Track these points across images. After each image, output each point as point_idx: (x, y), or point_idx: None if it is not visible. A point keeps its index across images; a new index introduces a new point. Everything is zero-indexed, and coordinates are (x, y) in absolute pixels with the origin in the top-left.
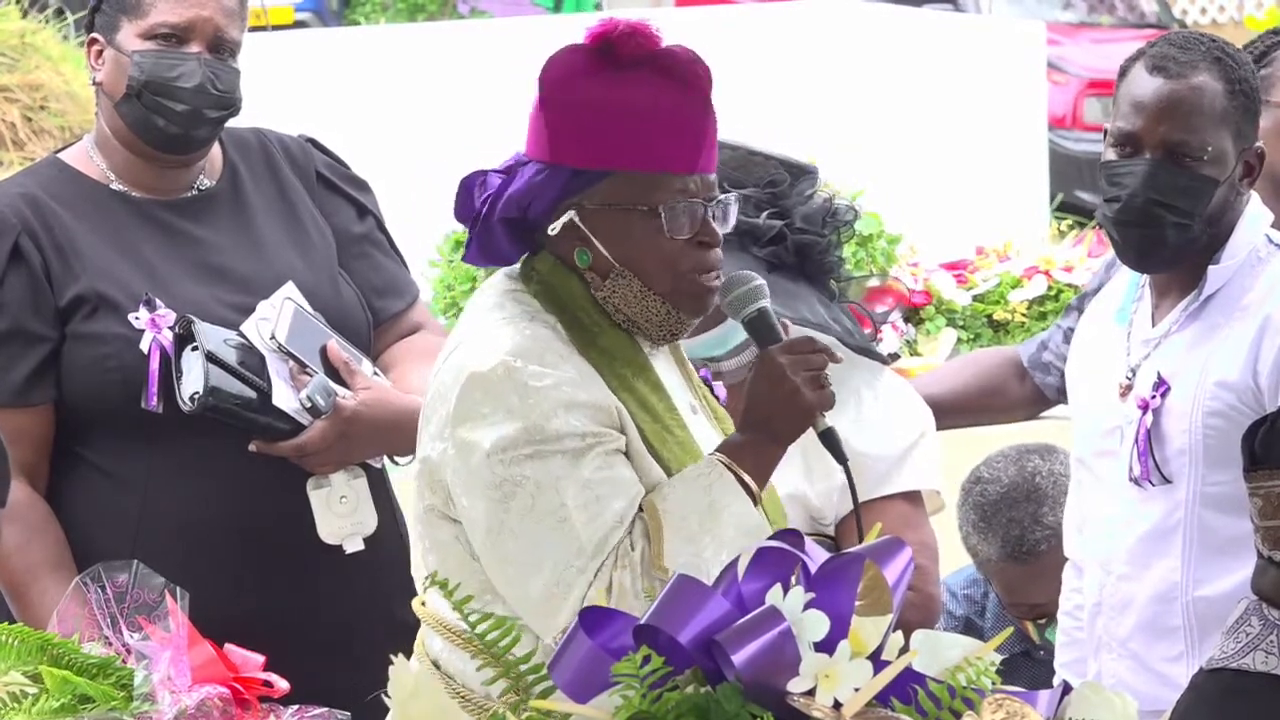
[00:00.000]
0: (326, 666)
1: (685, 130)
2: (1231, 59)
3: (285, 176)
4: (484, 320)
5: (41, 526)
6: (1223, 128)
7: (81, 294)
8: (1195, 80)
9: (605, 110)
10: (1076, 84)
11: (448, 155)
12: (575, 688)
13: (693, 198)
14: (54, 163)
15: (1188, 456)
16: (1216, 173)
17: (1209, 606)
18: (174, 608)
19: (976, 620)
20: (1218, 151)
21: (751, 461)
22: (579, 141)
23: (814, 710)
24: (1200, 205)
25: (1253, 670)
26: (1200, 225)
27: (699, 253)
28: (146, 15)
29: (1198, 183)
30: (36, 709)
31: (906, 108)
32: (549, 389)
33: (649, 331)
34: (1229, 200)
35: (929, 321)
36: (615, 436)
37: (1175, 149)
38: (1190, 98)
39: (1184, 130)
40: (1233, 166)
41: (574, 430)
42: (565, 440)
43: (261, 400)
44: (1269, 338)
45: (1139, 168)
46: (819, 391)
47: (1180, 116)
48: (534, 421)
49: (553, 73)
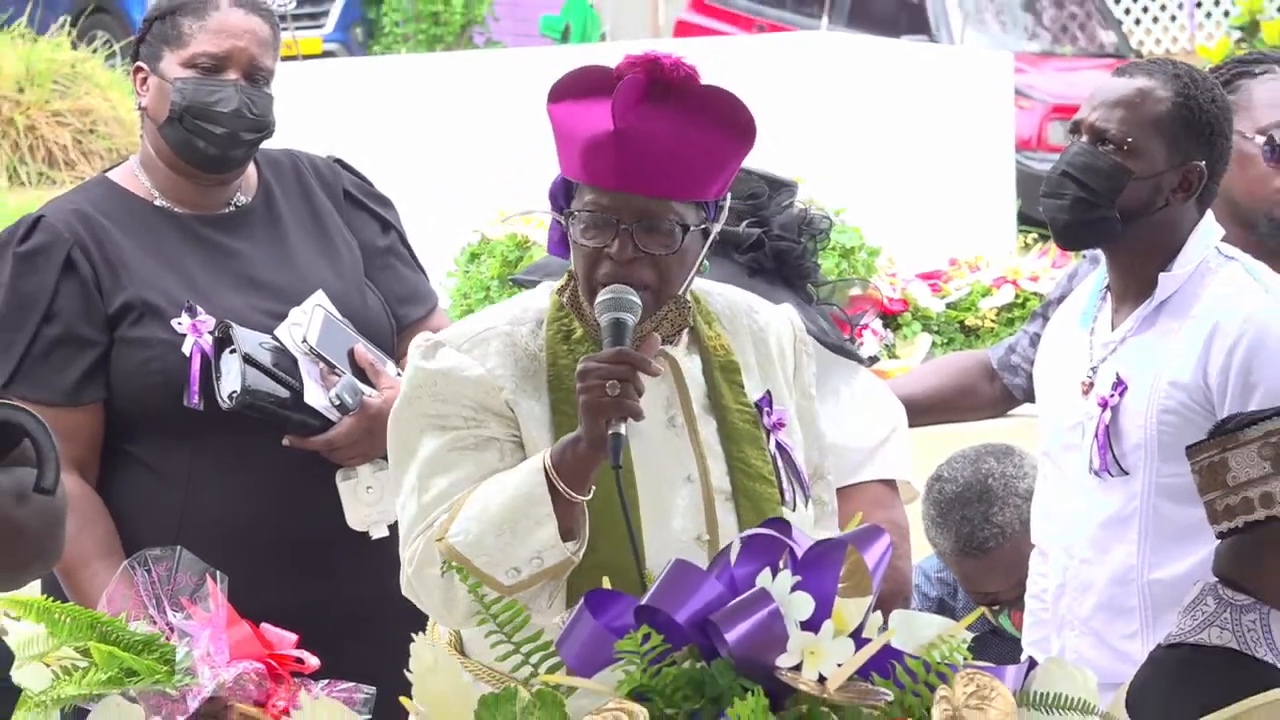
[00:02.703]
0: (353, 644)
1: (606, 148)
2: (1193, 82)
3: (315, 194)
4: (502, 304)
5: (92, 516)
6: (1154, 131)
7: (128, 302)
8: (1141, 83)
9: (565, 123)
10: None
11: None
12: (581, 663)
13: (605, 211)
14: (102, 181)
15: (1144, 450)
16: (1135, 166)
17: (1163, 588)
18: (214, 590)
19: (949, 601)
20: (1140, 148)
21: (570, 455)
22: (557, 150)
23: (801, 684)
24: (1108, 188)
25: (1209, 644)
26: (1109, 209)
27: (610, 264)
28: (187, 45)
29: (1110, 168)
30: (86, 681)
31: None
32: (445, 371)
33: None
34: (1152, 202)
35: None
36: (493, 427)
37: (1099, 134)
38: (1129, 95)
39: (1109, 119)
40: (1160, 171)
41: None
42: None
43: (294, 399)
44: (1218, 341)
45: (1069, 148)
46: (612, 399)
47: (1110, 106)
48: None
49: (560, 82)
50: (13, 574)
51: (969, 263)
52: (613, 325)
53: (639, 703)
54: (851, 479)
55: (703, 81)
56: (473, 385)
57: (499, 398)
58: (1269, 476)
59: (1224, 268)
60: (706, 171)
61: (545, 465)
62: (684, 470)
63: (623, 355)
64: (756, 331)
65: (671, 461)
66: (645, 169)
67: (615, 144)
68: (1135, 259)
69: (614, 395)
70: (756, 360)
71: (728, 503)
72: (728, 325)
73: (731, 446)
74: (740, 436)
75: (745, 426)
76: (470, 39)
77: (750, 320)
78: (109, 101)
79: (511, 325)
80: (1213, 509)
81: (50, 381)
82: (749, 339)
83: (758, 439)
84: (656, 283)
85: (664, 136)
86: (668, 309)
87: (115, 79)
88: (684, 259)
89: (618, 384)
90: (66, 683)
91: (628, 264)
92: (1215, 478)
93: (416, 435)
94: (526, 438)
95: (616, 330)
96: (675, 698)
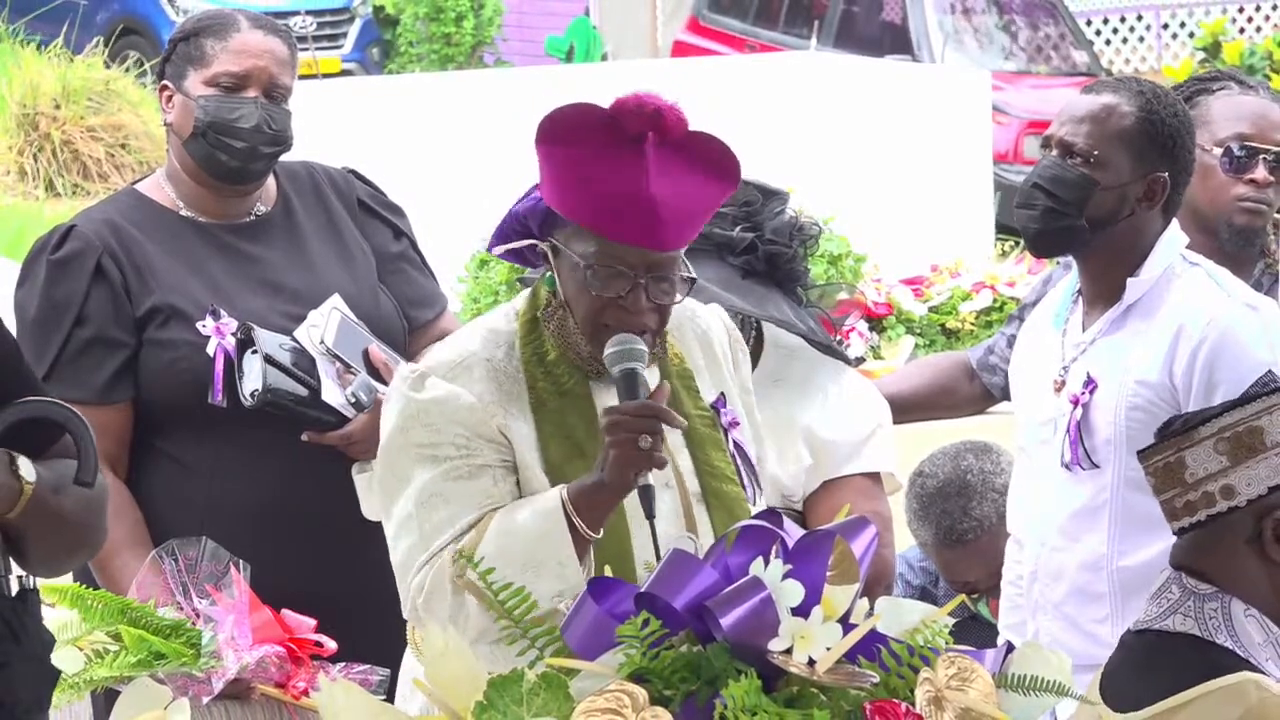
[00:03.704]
0: (369, 627)
1: (632, 207)
2: (1156, 97)
3: (331, 203)
4: (468, 329)
5: (122, 508)
6: (1119, 144)
7: (155, 306)
8: (1106, 99)
9: (575, 168)
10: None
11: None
12: (584, 647)
13: (622, 265)
14: (131, 193)
15: (1113, 445)
16: (1101, 177)
17: (1131, 575)
18: (237, 578)
19: (931, 589)
20: (1106, 160)
21: (588, 500)
22: (554, 187)
23: (791, 666)
24: (1076, 199)
25: (1172, 631)
26: (1078, 218)
27: (620, 312)
28: (210, 65)
29: (1077, 179)
30: (117, 663)
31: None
32: (437, 400)
33: (577, 364)
34: (1119, 211)
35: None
36: (485, 453)
37: (1067, 148)
38: (1095, 110)
39: (1076, 133)
40: (1125, 181)
41: (436, 440)
42: (427, 448)
43: (312, 396)
44: (1183, 343)
45: (1040, 161)
46: (636, 452)
47: (1078, 122)
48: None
49: (556, 122)
50: (58, 561)
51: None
52: (627, 377)
53: (639, 684)
54: (838, 472)
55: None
56: (466, 413)
57: (492, 424)
58: (1228, 469)
59: (1188, 273)
60: (704, 219)
61: (566, 508)
62: (662, 477)
63: (649, 409)
64: (700, 335)
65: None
66: (663, 227)
67: (643, 207)
68: (1104, 265)
69: (645, 449)
70: (705, 363)
71: (700, 504)
72: (675, 334)
73: (697, 451)
74: (704, 440)
75: (706, 430)
76: (480, 59)
77: (693, 325)
78: (140, 117)
79: (487, 350)
80: (1171, 506)
81: (83, 381)
82: (695, 343)
83: (718, 441)
84: (658, 326)
85: (678, 196)
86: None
87: (145, 96)
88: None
89: (648, 438)
90: (99, 665)
91: (638, 313)
92: (1172, 476)
93: (409, 466)
94: (519, 460)
95: (631, 382)
96: (673, 679)
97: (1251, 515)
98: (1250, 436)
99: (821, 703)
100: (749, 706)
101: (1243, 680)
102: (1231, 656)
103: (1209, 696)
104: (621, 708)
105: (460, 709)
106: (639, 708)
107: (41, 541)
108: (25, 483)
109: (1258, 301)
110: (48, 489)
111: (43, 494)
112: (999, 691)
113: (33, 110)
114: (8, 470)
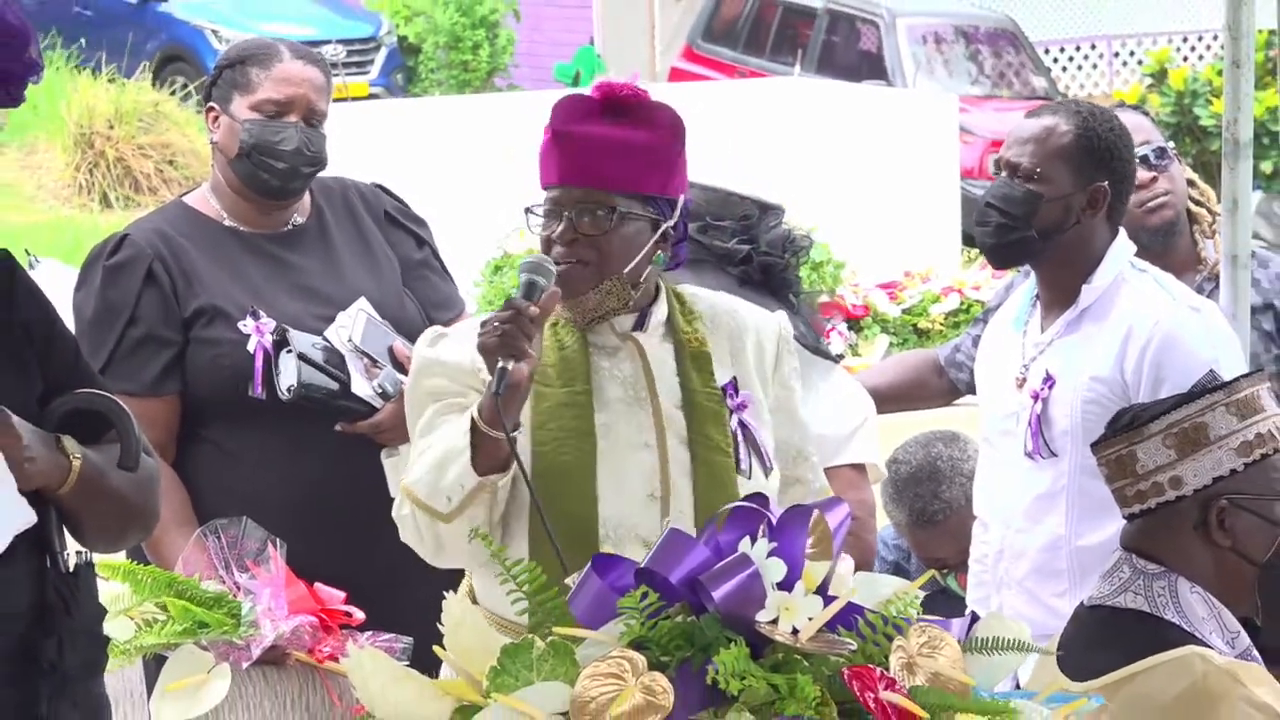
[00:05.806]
0: (394, 600)
1: (555, 150)
2: (1093, 115)
3: (360, 215)
4: None
5: (170, 491)
6: (1060, 159)
7: (201, 307)
8: (1046, 121)
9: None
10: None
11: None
12: (588, 617)
13: (552, 204)
14: (179, 204)
15: (1070, 436)
16: (1045, 190)
17: (1088, 554)
18: (274, 554)
19: (904, 565)
20: (1048, 175)
21: (485, 399)
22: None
23: (777, 635)
24: (1025, 213)
25: (1124, 607)
26: (1027, 230)
27: (556, 246)
28: (255, 91)
29: (1023, 195)
30: (165, 632)
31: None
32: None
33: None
34: (1065, 220)
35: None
36: (472, 397)
37: (1014, 168)
38: (1036, 132)
39: (1021, 154)
40: (1069, 192)
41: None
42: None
43: (343, 389)
44: (1132, 343)
45: (994, 182)
46: (496, 340)
47: (1022, 143)
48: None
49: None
50: (111, 536)
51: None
52: (526, 285)
53: (638, 651)
54: (828, 463)
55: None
56: (455, 367)
57: (478, 377)
58: (1175, 462)
59: (1137, 279)
60: (645, 168)
61: (471, 412)
62: (643, 438)
63: (509, 304)
64: (733, 329)
65: (631, 430)
66: (581, 165)
67: (556, 145)
68: (1058, 272)
69: (498, 337)
70: (730, 352)
71: (685, 468)
72: (709, 323)
73: (694, 423)
74: (704, 414)
75: (710, 406)
76: (494, 83)
77: (730, 320)
78: (186, 136)
79: None
80: (1122, 495)
81: (135, 375)
82: (725, 335)
83: (720, 417)
84: (597, 259)
85: (600, 136)
86: (612, 285)
87: (190, 117)
88: (626, 242)
89: (499, 326)
90: (148, 633)
91: (569, 245)
92: (1124, 468)
93: (421, 405)
94: None
95: (526, 288)
96: (669, 647)
97: (1197, 504)
98: (1196, 432)
99: (804, 668)
100: (738, 671)
101: (1189, 653)
102: (1178, 631)
103: (1158, 668)
104: (623, 672)
105: (477, 673)
106: (638, 672)
107: (95, 519)
108: (74, 458)
109: (1200, 304)
110: (96, 469)
111: (91, 472)
112: (966, 657)
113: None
114: (56, 449)
